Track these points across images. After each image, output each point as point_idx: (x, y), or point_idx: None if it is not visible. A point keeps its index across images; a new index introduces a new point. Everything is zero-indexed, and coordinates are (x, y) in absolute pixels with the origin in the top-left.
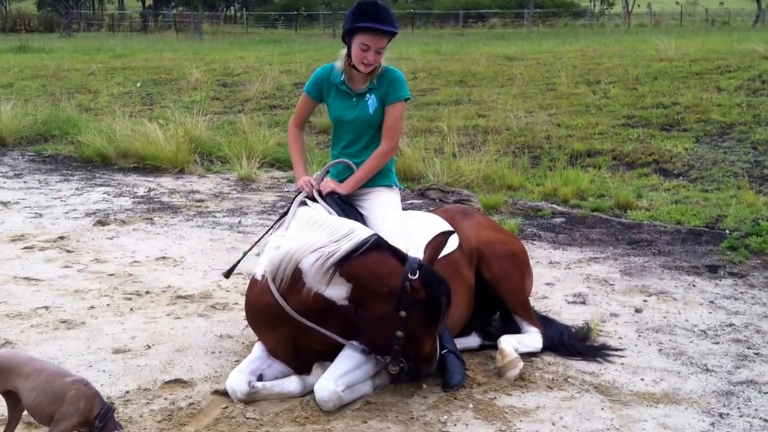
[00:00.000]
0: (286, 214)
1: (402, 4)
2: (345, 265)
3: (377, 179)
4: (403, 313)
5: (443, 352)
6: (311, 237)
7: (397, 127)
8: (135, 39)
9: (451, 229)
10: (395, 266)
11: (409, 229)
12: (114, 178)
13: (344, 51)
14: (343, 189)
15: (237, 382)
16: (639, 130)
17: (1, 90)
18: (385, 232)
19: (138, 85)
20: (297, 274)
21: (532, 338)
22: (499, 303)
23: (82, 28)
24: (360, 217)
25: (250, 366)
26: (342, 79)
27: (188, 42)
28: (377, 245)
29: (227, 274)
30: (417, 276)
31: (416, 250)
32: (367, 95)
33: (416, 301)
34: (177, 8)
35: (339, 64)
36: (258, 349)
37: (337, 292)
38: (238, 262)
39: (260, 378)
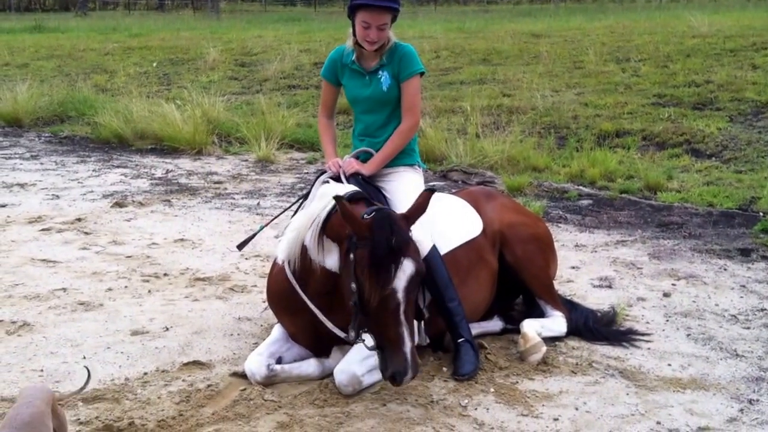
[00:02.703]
0: (307, 195)
1: None
2: (328, 226)
3: (400, 158)
4: (351, 256)
5: (459, 340)
6: (310, 211)
7: (416, 103)
8: (151, 17)
9: (433, 189)
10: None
11: (431, 211)
12: (131, 160)
13: (351, 30)
14: (366, 169)
15: (256, 364)
16: (670, 110)
17: (16, 70)
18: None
19: (154, 65)
20: (304, 252)
21: (555, 322)
22: (523, 287)
23: (98, 6)
24: (383, 198)
25: (269, 348)
26: (353, 58)
27: (205, 20)
28: (353, 198)
29: (240, 246)
30: (370, 216)
31: (438, 234)
32: (380, 72)
33: (361, 239)
34: None
35: (348, 43)
36: (277, 331)
37: (332, 259)
38: (254, 235)
39: (279, 360)
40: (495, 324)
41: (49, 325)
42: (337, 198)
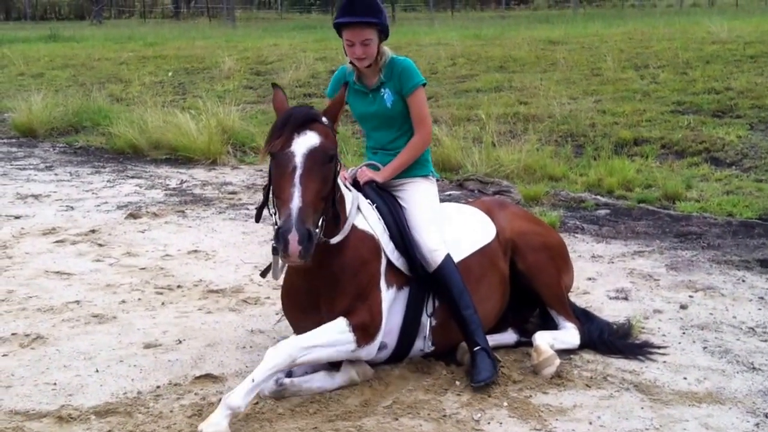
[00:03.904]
0: None
1: None
2: None
3: (413, 169)
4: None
5: (475, 349)
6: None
7: (425, 115)
8: (167, 26)
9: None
10: None
11: (446, 221)
12: (146, 170)
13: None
14: (380, 177)
15: None
16: (689, 117)
17: (31, 80)
18: (421, 224)
19: (170, 74)
20: None
21: (568, 334)
22: (534, 297)
23: (113, 15)
24: (399, 207)
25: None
26: (354, 78)
27: (221, 29)
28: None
29: (263, 274)
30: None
31: (452, 242)
32: (382, 90)
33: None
34: None
35: (347, 63)
36: None
37: None
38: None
39: (289, 374)
40: (509, 336)
41: (63, 338)
42: (273, 84)
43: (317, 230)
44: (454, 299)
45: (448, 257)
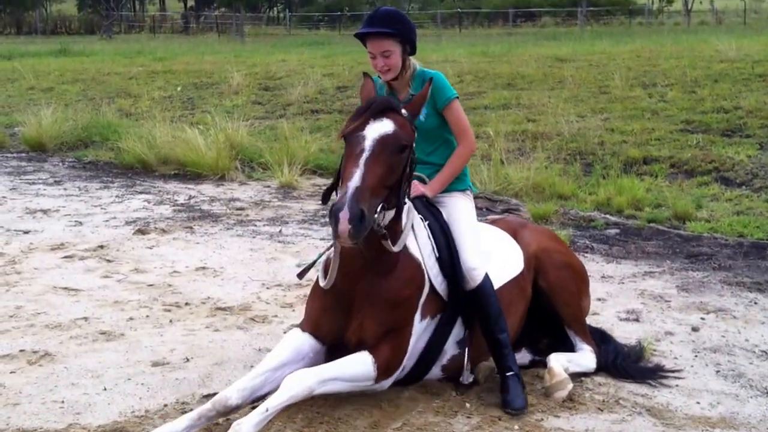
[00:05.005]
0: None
1: (449, 4)
2: None
3: (452, 184)
4: None
5: (508, 374)
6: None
7: (465, 126)
8: (176, 41)
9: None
10: None
11: (482, 239)
12: (154, 185)
13: None
14: (430, 191)
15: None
16: (698, 136)
17: (41, 94)
18: (462, 241)
19: (179, 89)
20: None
21: (584, 357)
22: (553, 314)
23: (123, 29)
24: (443, 222)
25: (252, 382)
26: (385, 92)
27: (230, 44)
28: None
29: (301, 276)
30: None
31: (491, 264)
32: None
33: None
34: (219, 9)
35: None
36: (265, 363)
37: None
38: (314, 263)
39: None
40: (523, 356)
41: (71, 355)
42: (365, 73)
43: (375, 215)
44: (490, 320)
45: (487, 277)
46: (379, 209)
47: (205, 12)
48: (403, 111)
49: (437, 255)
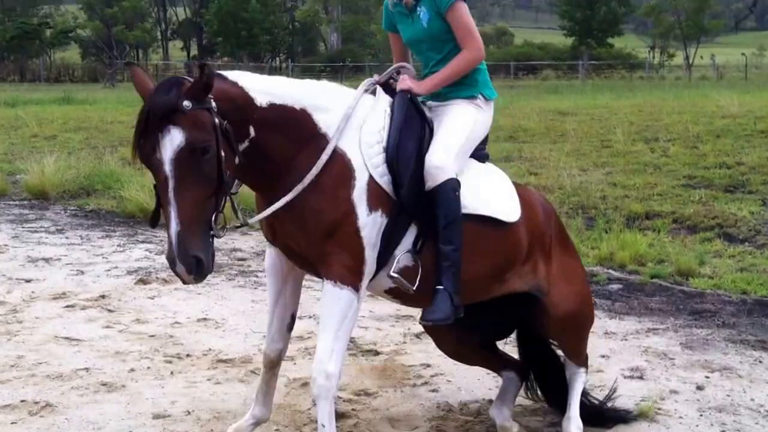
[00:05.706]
0: None
1: None
2: None
3: (456, 90)
4: None
5: (437, 287)
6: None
7: (470, 29)
8: None
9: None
10: None
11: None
12: (156, 235)
13: None
14: (419, 88)
15: None
16: (701, 192)
17: (44, 142)
18: (436, 142)
19: None
20: None
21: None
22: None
23: (126, 78)
24: (428, 130)
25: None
26: (395, 1)
27: None
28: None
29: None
30: None
31: (473, 193)
32: (418, 9)
33: None
34: (222, 59)
35: None
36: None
37: None
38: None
39: None
40: (508, 376)
41: (72, 406)
42: (127, 63)
43: (210, 239)
44: (438, 225)
45: (453, 182)
46: (213, 222)
47: (209, 61)
48: (185, 103)
49: (385, 145)
